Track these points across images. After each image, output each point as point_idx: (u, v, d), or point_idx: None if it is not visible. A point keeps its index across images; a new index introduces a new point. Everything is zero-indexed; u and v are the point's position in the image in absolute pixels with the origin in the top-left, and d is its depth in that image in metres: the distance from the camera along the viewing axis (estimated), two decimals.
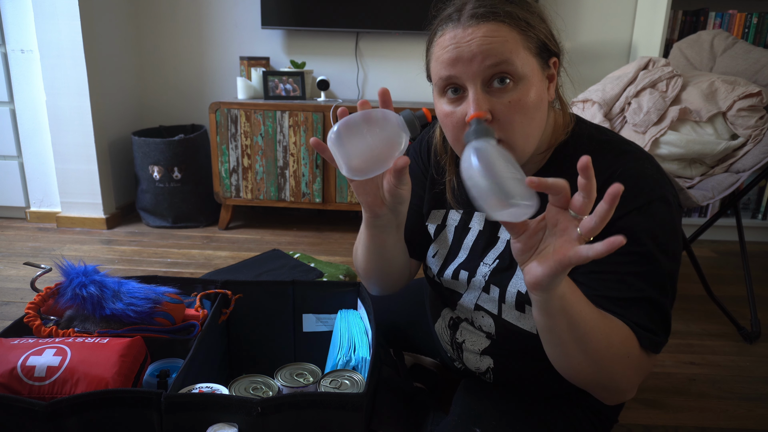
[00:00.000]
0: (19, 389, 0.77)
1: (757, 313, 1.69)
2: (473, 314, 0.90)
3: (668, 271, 0.73)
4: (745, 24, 2.29)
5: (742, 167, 1.66)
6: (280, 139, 2.34)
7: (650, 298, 0.71)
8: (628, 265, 0.71)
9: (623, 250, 0.63)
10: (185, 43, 2.66)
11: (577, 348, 0.66)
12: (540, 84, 0.74)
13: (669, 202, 0.74)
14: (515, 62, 0.70)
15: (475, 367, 0.94)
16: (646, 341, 0.70)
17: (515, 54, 0.70)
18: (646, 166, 0.76)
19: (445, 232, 0.94)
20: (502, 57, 0.70)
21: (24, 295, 1.77)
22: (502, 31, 0.70)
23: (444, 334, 1.00)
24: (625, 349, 0.68)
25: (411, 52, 2.61)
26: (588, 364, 0.68)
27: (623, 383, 0.71)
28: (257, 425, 0.72)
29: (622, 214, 0.71)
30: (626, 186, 0.67)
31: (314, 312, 1.12)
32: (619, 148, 0.78)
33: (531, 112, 0.73)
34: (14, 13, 2.29)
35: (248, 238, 2.40)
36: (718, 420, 1.27)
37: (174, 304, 0.95)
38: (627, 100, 1.80)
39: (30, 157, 2.46)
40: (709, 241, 2.52)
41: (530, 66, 0.72)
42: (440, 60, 0.74)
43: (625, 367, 0.69)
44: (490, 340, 0.90)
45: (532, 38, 0.73)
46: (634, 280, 0.71)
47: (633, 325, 0.70)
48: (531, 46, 0.73)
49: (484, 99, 0.71)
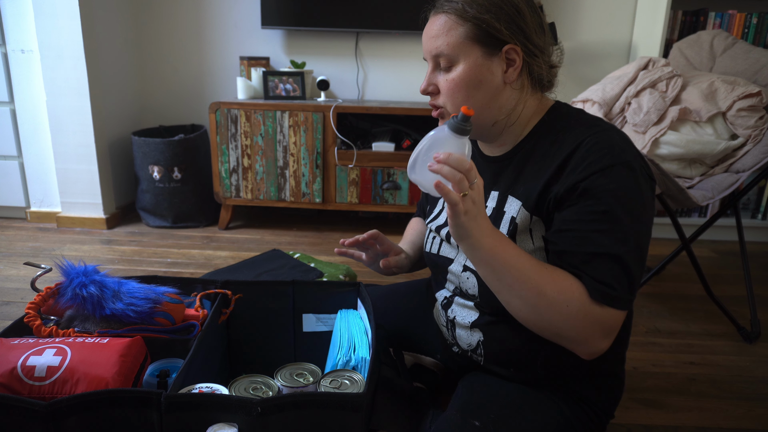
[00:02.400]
0: (19, 389, 0.77)
1: (757, 313, 1.69)
2: (460, 278, 0.95)
3: (633, 230, 0.78)
4: (745, 24, 2.29)
5: (741, 167, 1.66)
6: (280, 139, 2.34)
7: (611, 253, 0.77)
8: (591, 223, 0.78)
9: (587, 209, 0.78)
10: (185, 43, 2.66)
11: (509, 294, 0.80)
12: (480, 68, 0.86)
13: (633, 168, 0.80)
14: (448, 49, 0.86)
15: (467, 343, 0.97)
16: (597, 293, 0.76)
17: (452, 43, 0.85)
18: (612, 135, 0.82)
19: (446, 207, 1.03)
20: (440, 46, 0.86)
21: (24, 295, 1.77)
22: (441, 21, 0.87)
23: (440, 316, 1.03)
24: (562, 297, 0.77)
25: (411, 52, 2.61)
26: (526, 311, 0.79)
27: (574, 333, 0.78)
28: (257, 425, 0.72)
29: (585, 175, 0.78)
30: (591, 151, 0.80)
31: (314, 312, 1.12)
32: (590, 122, 0.86)
33: (470, 90, 0.86)
34: (14, 13, 2.29)
35: (248, 238, 2.40)
36: (718, 420, 1.27)
37: (174, 304, 0.95)
38: (627, 100, 1.80)
39: (30, 157, 2.46)
40: (709, 241, 2.52)
41: (465, 51, 0.85)
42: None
43: (567, 316, 0.77)
44: (477, 310, 0.94)
45: (470, 26, 0.85)
46: (597, 237, 0.77)
47: (588, 279, 0.77)
48: (470, 33, 0.85)
49: (432, 75, 0.90)
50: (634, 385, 1.38)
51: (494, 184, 0.93)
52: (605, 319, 0.78)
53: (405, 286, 1.29)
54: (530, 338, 0.88)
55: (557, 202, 0.81)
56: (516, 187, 0.89)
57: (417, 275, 1.34)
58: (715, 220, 1.81)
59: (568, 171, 0.81)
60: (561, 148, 0.84)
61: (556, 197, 0.81)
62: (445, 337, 1.05)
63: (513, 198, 0.88)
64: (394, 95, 2.68)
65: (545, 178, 0.83)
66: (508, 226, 0.87)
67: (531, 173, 0.87)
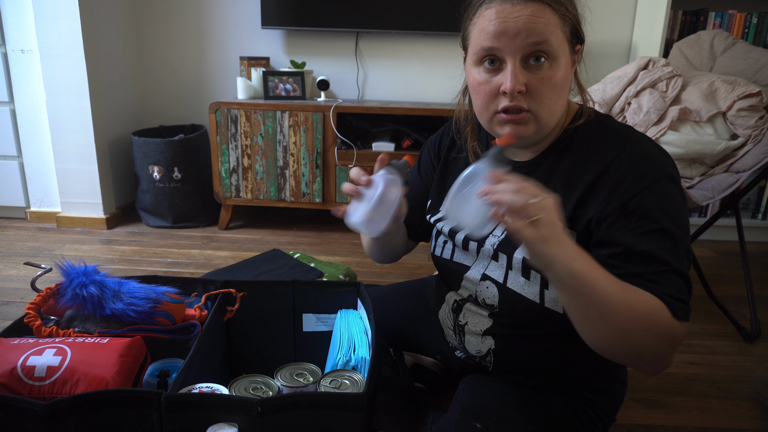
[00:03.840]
0: (19, 389, 0.77)
1: (757, 313, 1.69)
2: (478, 286, 0.92)
3: (684, 242, 0.77)
4: (745, 24, 2.29)
5: (742, 167, 1.66)
6: (280, 139, 2.34)
7: (675, 269, 0.74)
8: (649, 243, 0.75)
9: (642, 230, 0.75)
10: (185, 43, 2.66)
11: (601, 322, 0.70)
12: (567, 66, 0.81)
13: (675, 180, 0.78)
14: (553, 43, 0.77)
15: (476, 350, 0.95)
16: (679, 311, 0.72)
17: (554, 36, 0.77)
18: (650, 147, 0.80)
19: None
20: (544, 37, 0.76)
21: (24, 295, 1.77)
22: (546, 13, 0.77)
23: (447, 319, 1.01)
24: (653, 318, 0.71)
25: (411, 52, 2.61)
26: (615, 336, 0.71)
27: (657, 352, 0.73)
28: (257, 425, 0.72)
29: (633, 194, 0.76)
30: (633, 167, 0.77)
31: (314, 312, 1.12)
32: (624, 132, 0.83)
33: (558, 90, 0.80)
34: (14, 13, 2.29)
35: (248, 238, 2.40)
36: (718, 420, 1.27)
37: (174, 304, 0.95)
38: (627, 100, 1.80)
39: (30, 157, 2.46)
40: (709, 241, 2.52)
41: (563, 48, 0.79)
42: (485, 31, 0.79)
43: (654, 336, 0.71)
44: (492, 318, 0.92)
45: (567, 23, 0.80)
46: (661, 254, 0.74)
47: (665, 296, 0.72)
48: (566, 31, 0.80)
49: (522, 73, 0.77)
50: (634, 385, 1.38)
51: None
52: (681, 335, 0.74)
53: (405, 286, 1.29)
54: (546, 349, 0.87)
55: (602, 221, 0.78)
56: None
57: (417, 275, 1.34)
58: (715, 220, 1.81)
59: (611, 189, 0.78)
60: (593, 160, 0.81)
61: (602, 217, 0.78)
62: (449, 341, 1.04)
63: None
64: (394, 95, 2.68)
65: (578, 193, 0.80)
66: None
67: (561, 182, 0.83)
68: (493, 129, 0.84)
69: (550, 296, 0.84)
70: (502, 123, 0.81)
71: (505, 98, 0.79)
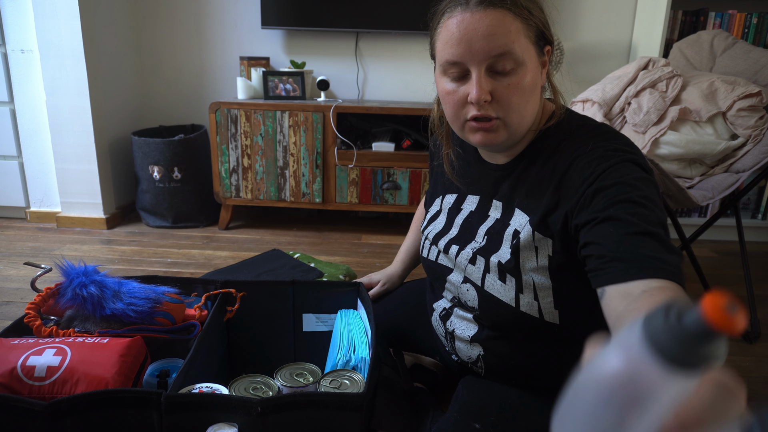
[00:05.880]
0: (19, 389, 0.77)
1: (757, 313, 1.69)
2: (460, 289, 0.93)
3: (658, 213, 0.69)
4: (745, 24, 2.29)
5: (742, 167, 1.66)
6: (280, 139, 2.33)
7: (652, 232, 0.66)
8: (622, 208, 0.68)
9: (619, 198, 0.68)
10: (185, 43, 2.66)
11: None
12: (535, 70, 0.80)
13: (639, 164, 0.74)
14: (516, 50, 0.76)
15: (467, 356, 0.96)
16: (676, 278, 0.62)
17: (517, 42, 0.76)
18: (617, 140, 0.78)
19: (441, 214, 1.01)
20: (506, 45, 0.75)
21: (24, 295, 1.77)
22: (507, 20, 0.76)
23: (439, 326, 1.02)
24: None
25: (411, 52, 2.61)
26: None
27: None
28: (257, 425, 0.72)
29: (593, 179, 0.72)
30: (596, 155, 0.74)
31: (314, 312, 1.12)
32: (595, 131, 0.81)
33: (527, 94, 0.79)
34: (14, 13, 2.29)
35: (248, 238, 2.40)
36: None
37: (174, 304, 0.96)
38: (627, 100, 1.80)
39: (30, 157, 2.46)
40: (709, 241, 2.52)
41: (528, 53, 0.78)
42: (447, 42, 0.79)
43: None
44: (476, 322, 0.92)
45: (531, 27, 0.78)
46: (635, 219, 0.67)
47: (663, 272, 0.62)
48: (530, 35, 0.78)
49: (487, 81, 0.77)
50: None
51: (496, 193, 0.90)
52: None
53: (405, 286, 1.29)
54: (531, 353, 0.87)
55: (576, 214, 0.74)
56: (520, 199, 0.85)
57: (417, 275, 1.34)
58: (715, 220, 1.81)
59: (578, 183, 0.74)
60: (562, 158, 0.80)
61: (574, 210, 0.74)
62: (447, 348, 1.04)
63: (520, 211, 0.85)
64: (394, 95, 2.68)
65: (548, 195, 0.79)
66: (512, 240, 0.84)
67: (533, 187, 0.83)
68: (465, 136, 0.85)
69: (525, 300, 0.83)
70: (473, 130, 0.82)
71: (473, 107, 0.79)
